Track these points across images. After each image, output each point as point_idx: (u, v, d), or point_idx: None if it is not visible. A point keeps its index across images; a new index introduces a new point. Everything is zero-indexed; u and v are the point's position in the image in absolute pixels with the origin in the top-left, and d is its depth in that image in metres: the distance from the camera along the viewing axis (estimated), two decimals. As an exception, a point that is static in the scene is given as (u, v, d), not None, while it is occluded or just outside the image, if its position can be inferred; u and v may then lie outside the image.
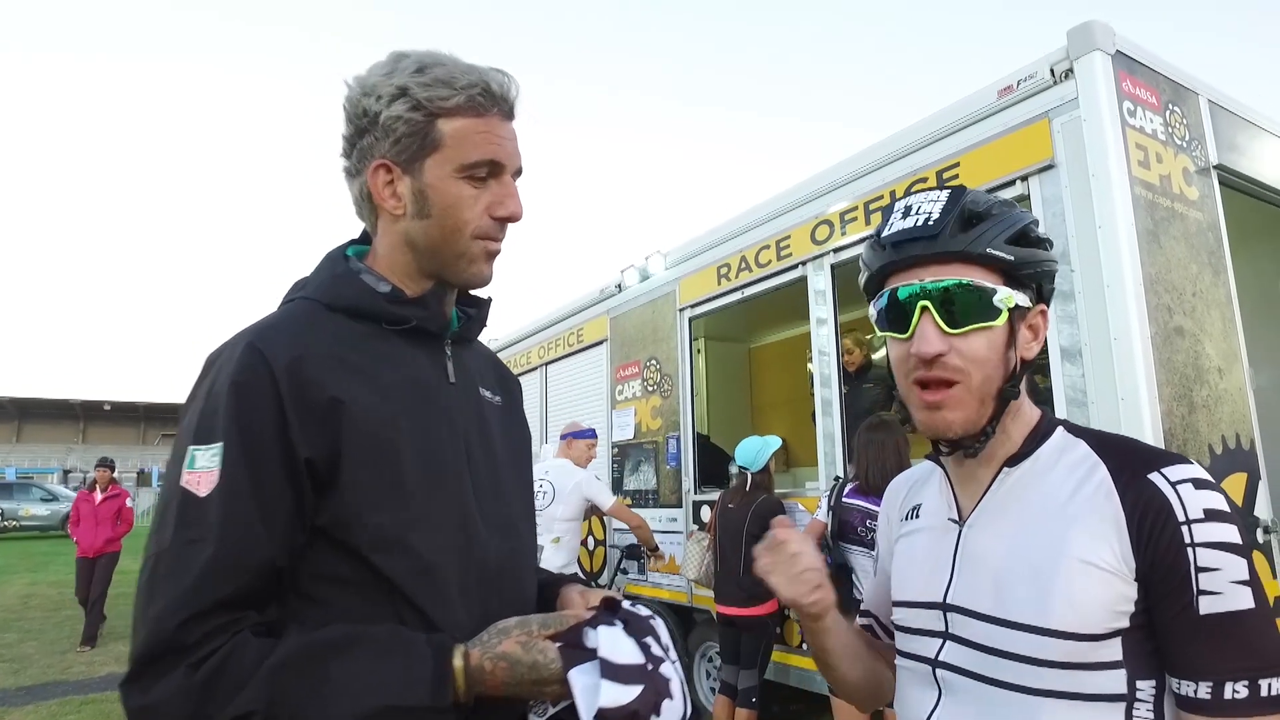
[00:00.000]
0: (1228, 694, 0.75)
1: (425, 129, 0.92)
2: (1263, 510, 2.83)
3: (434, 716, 0.79)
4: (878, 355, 4.94)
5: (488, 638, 0.85)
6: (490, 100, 0.94)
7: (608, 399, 5.60)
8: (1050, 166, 2.90)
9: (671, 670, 0.88)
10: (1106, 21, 2.84)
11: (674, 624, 4.66)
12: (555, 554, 4.29)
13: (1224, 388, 2.86)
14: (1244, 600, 0.76)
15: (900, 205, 0.92)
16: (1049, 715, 0.80)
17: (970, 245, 0.85)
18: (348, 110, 0.95)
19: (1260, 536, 2.79)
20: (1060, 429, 0.93)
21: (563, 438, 4.59)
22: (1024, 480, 0.90)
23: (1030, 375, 0.97)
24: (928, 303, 0.86)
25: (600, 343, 5.78)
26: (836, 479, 3.56)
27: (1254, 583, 0.77)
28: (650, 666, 0.85)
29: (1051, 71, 2.91)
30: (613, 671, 0.82)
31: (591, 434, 4.61)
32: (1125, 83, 2.83)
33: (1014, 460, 0.91)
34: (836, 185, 3.85)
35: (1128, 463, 0.84)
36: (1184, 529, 0.78)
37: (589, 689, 0.81)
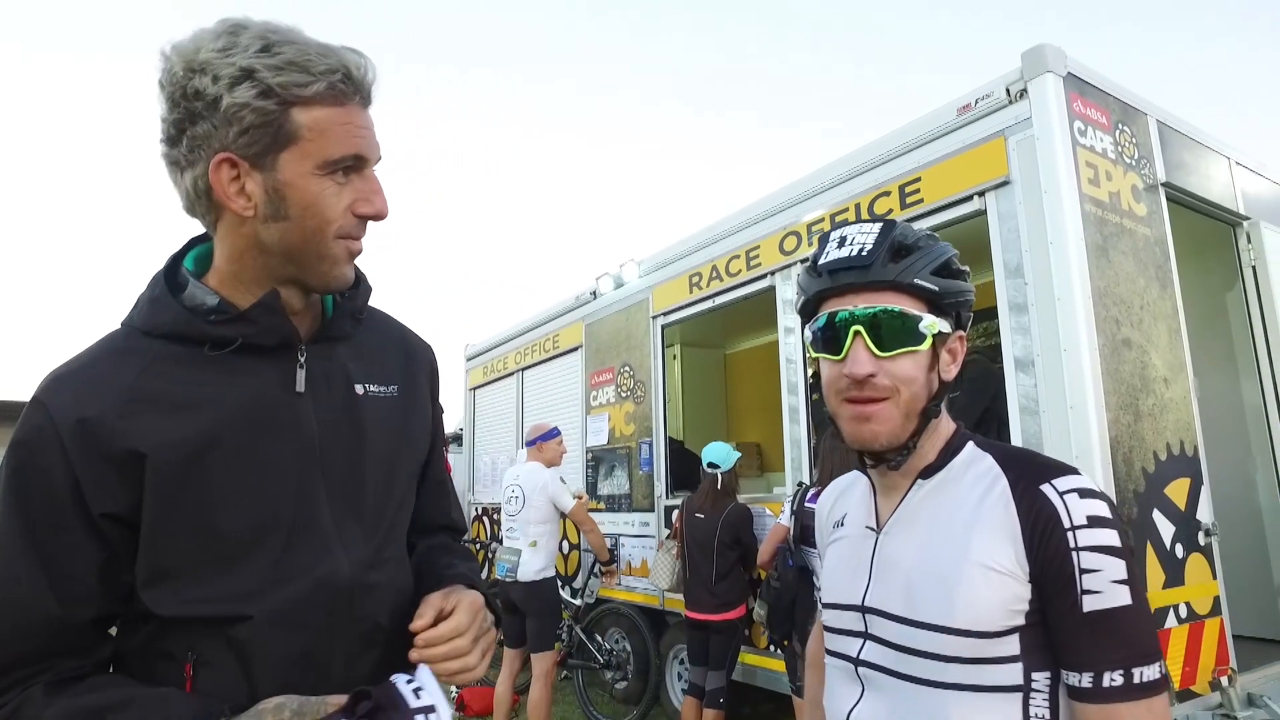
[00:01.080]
0: (1106, 682, 0.83)
1: (279, 120, 0.80)
2: (1205, 514, 2.95)
3: None
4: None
5: (252, 714, 0.80)
6: (351, 87, 0.84)
7: (582, 405, 5.66)
8: (1006, 183, 3.01)
9: None
10: (1059, 45, 2.95)
11: (647, 626, 4.73)
12: (533, 557, 4.33)
13: (1169, 397, 2.97)
14: (1122, 598, 0.84)
15: (836, 235, 0.98)
16: (955, 707, 0.88)
17: (899, 275, 0.93)
18: (170, 89, 0.81)
19: (1202, 539, 2.91)
20: (971, 443, 1.01)
21: (530, 444, 4.63)
22: (936, 491, 0.98)
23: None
24: (860, 327, 0.92)
25: (575, 349, 5.84)
26: (800, 484, 3.65)
27: (1132, 581, 0.85)
28: None
29: (1007, 91, 3.02)
30: None
31: (556, 432, 4.66)
32: (1076, 103, 2.94)
33: (928, 472, 0.99)
34: (804, 197, 3.95)
35: (1024, 474, 0.92)
36: (1069, 534, 0.86)
37: None
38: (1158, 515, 2.78)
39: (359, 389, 0.97)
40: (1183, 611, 2.76)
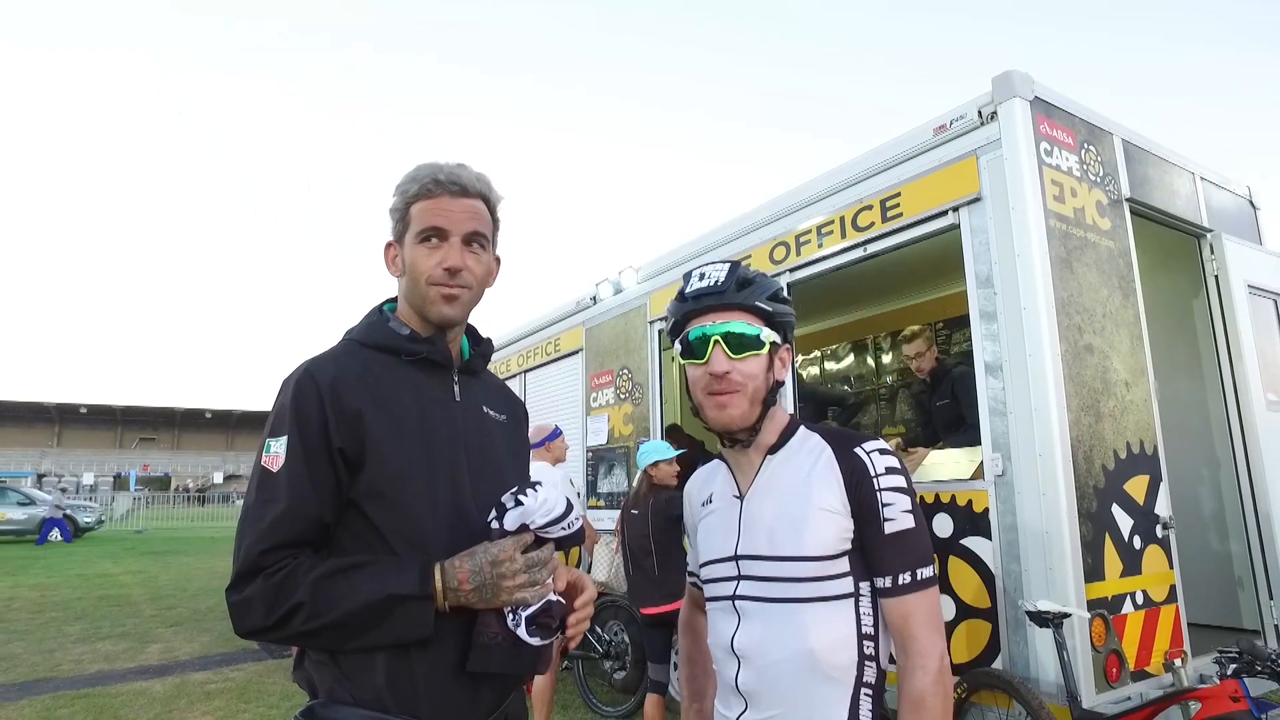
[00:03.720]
0: (900, 581, 1.19)
1: (404, 213, 1.31)
2: (1163, 509, 3.16)
3: (421, 603, 1.14)
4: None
5: (464, 554, 1.22)
6: (438, 186, 1.29)
7: (583, 406, 5.87)
8: (977, 199, 3.22)
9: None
10: (1026, 71, 3.17)
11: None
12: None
13: (1130, 399, 3.18)
14: (909, 522, 1.21)
15: (695, 272, 1.32)
16: (809, 614, 1.20)
17: (744, 300, 1.26)
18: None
19: (1160, 532, 3.12)
20: (802, 427, 1.34)
21: (536, 445, 4.84)
22: (781, 462, 1.31)
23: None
24: (718, 337, 1.25)
25: (576, 352, 6.06)
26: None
27: (915, 511, 1.22)
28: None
29: (979, 113, 3.24)
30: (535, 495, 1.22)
31: (557, 432, 4.83)
32: (1043, 125, 3.15)
33: (773, 449, 1.32)
34: (792, 210, 4.17)
35: (842, 444, 1.27)
36: (874, 479, 1.22)
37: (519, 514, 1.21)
38: (1117, 509, 2.99)
39: (486, 410, 1.41)
40: (1139, 599, 2.97)
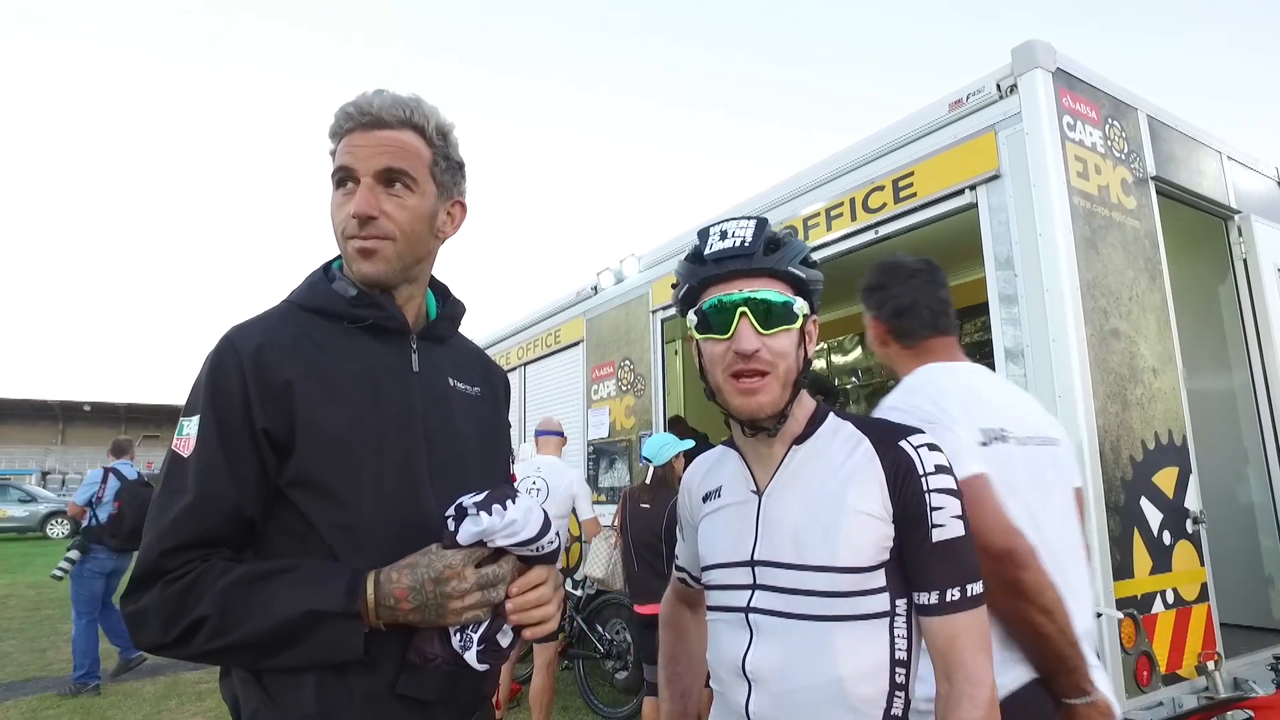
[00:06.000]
0: (948, 597, 1.02)
1: (334, 155, 1.11)
2: (1193, 502, 3.00)
3: (348, 621, 0.95)
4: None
5: (404, 564, 1.00)
6: (347, 120, 1.09)
7: (584, 398, 5.72)
8: (996, 177, 3.05)
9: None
10: (1048, 41, 3.00)
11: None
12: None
13: (1158, 387, 3.02)
14: (959, 530, 1.04)
15: (716, 229, 1.11)
16: (839, 635, 1.02)
17: (775, 264, 1.07)
18: None
19: (1190, 527, 2.96)
20: (831, 414, 1.17)
21: (539, 434, 4.70)
22: (809, 454, 1.13)
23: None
24: (746, 309, 1.06)
25: (576, 343, 5.91)
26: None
27: (964, 517, 1.05)
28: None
29: (998, 87, 3.07)
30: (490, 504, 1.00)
31: (558, 435, 4.73)
32: (1065, 98, 2.98)
33: (800, 439, 1.14)
34: (800, 193, 4.00)
35: (883, 435, 1.10)
36: (923, 479, 1.05)
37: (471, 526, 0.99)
38: (1145, 503, 2.83)
39: (451, 382, 1.20)
40: (1169, 597, 2.81)
